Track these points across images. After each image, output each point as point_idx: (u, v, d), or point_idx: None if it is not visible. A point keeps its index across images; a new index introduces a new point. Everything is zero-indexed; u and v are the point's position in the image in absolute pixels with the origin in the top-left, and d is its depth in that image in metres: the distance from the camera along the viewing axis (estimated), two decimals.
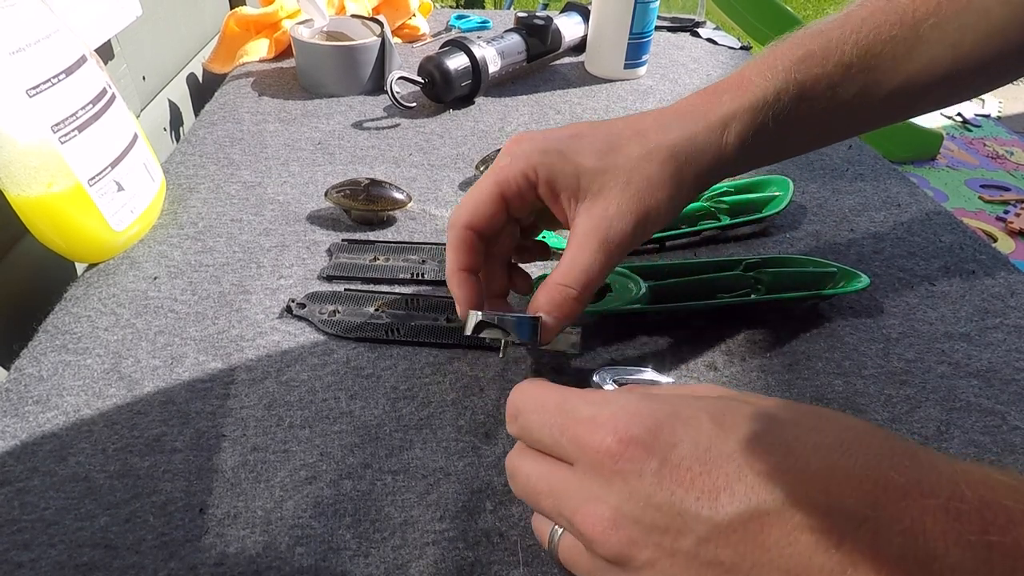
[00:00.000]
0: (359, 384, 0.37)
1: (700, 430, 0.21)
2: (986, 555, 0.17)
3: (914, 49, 0.33)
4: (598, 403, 0.23)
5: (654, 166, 0.31)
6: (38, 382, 0.36)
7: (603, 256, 0.30)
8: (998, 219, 1.82)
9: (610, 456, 0.21)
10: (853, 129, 0.38)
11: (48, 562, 0.28)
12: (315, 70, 0.70)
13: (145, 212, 0.47)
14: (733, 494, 0.19)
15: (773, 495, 0.19)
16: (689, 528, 0.20)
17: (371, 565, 0.28)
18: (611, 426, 0.22)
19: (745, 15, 1.83)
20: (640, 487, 0.21)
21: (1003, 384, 0.38)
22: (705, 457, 0.20)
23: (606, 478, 0.21)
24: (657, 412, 0.22)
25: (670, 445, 0.21)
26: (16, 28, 0.38)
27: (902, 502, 0.18)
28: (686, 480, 0.20)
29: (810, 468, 0.19)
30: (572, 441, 0.23)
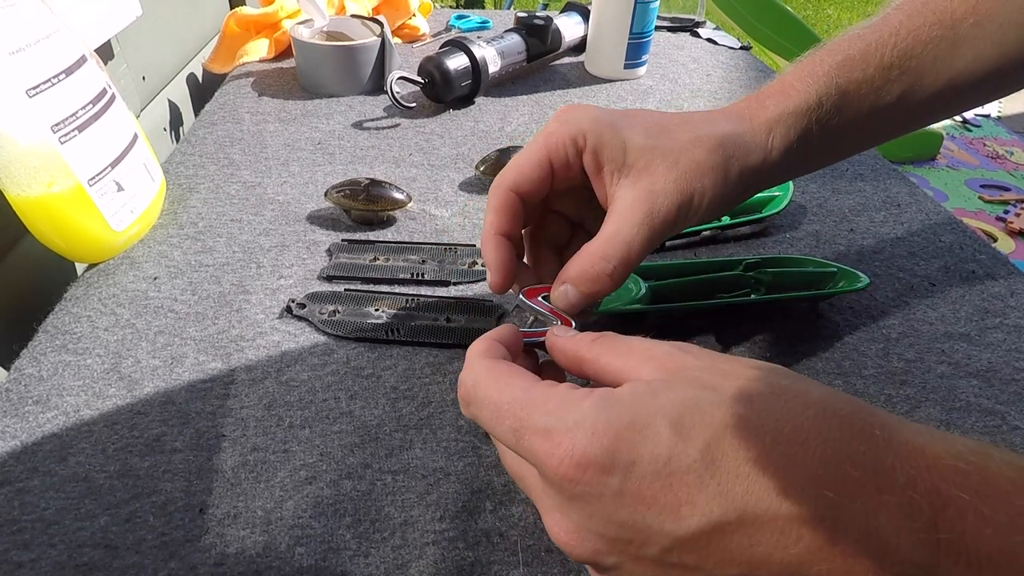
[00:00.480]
0: (359, 384, 0.37)
1: (658, 442, 0.20)
2: (934, 550, 0.18)
3: (955, 49, 0.33)
4: (554, 413, 0.22)
5: (703, 152, 0.30)
6: (38, 382, 0.36)
7: (647, 231, 0.29)
8: (998, 219, 1.82)
9: (568, 480, 0.21)
10: (897, 131, 0.37)
11: (48, 562, 0.28)
12: (315, 70, 0.70)
13: (145, 212, 0.47)
14: (694, 507, 0.20)
15: (733, 503, 0.19)
16: (653, 541, 0.20)
17: (371, 565, 0.28)
18: (568, 446, 0.21)
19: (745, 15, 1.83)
20: (601, 508, 0.21)
21: (1003, 384, 0.38)
22: (664, 471, 0.20)
23: (567, 498, 0.22)
24: (614, 425, 0.21)
25: (629, 463, 0.20)
26: (16, 28, 0.38)
27: (857, 500, 0.18)
28: (647, 497, 0.20)
29: (770, 466, 0.19)
30: (528, 452, 0.23)
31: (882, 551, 0.18)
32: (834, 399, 0.21)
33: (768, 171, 0.33)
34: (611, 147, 0.30)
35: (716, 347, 0.40)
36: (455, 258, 0.46)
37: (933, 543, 0.18)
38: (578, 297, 0.29)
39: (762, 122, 0.32)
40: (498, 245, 0.30)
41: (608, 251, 0.28)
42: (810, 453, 0.19)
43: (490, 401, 0.24)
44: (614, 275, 0.28)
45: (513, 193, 0.30)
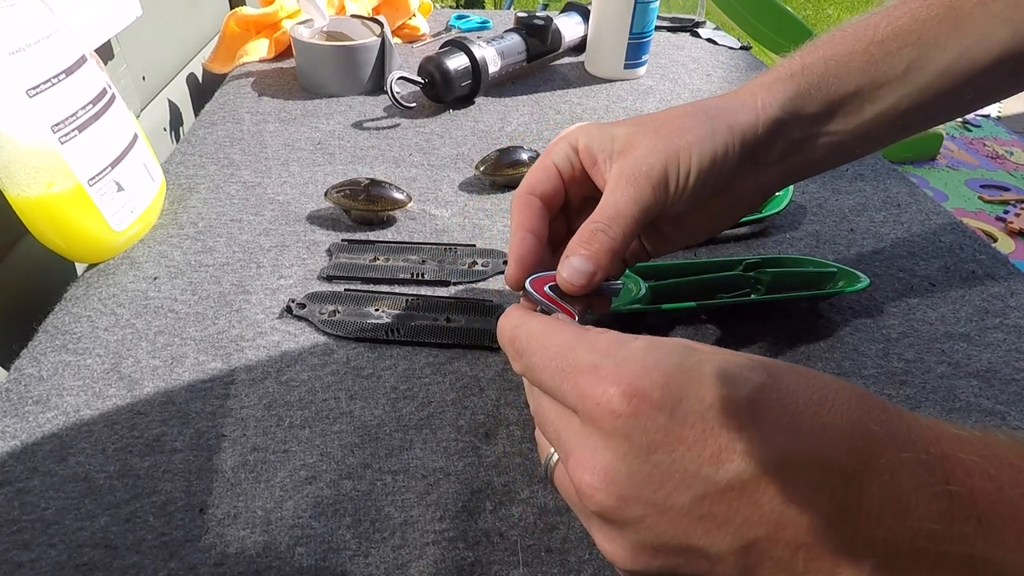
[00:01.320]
0: (359, 384, 0.37)
1: (704, 385, 0.21)
2: (948, 504, 0.18)
3: (960, 26, 0.32)
4: (602, 351, 0.22)
5: (683, 118, 0.32)
6: (38, 382, 0.36)
7: (632, 190, 0.30)
8: (998, 219, 1.82)
9: (611, 412, 0.21)
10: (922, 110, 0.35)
11: (48, 562, 0.28)
12: (315, 70, 0.70)
13: (145, 212, 0.47)
14: (734, 453, 0.20)
15: (771, 456, 0.19)
16: (687, 485, 0.20)
17: (371, 565, 0.28)
18: (616, 379, 0.21)
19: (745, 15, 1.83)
20: (642, 442, 0.20)
21: (1003, 384, 0.38)
22: (708, 415, 0.20)
23: (606, 433, 0.21)
24: (662, 364, 0.21)
25: (676, 400, 0.21)
26: (16, 28, 0.38)
27: (883, 456, 0.19)
28: (689, 438, 0.20)
29: (803, 426, 0.20)
30: (573, 391, 0.22)
31: (903, 508, 0.18)
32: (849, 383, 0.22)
33: (771, 128, 0.33)
34: (600, 140, 0.32)
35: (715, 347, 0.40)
36: (455, 258, 0.46)
37: (946, 496, 0.18)
38: (580, 262, 0.29)
39: (745, 91, 0.34)
40: (523, 239, 0.32)
41: (596, 215, 0.30)
42: (837, 415, 0.20)
43: (540, 347, 0.24)
44: (607, 231, 0.29)
45: (530, 195, 0.33)
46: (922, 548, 0.18)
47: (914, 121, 0.35)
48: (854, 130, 0.34)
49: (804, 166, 0.36)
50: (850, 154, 0.36)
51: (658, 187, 0.30)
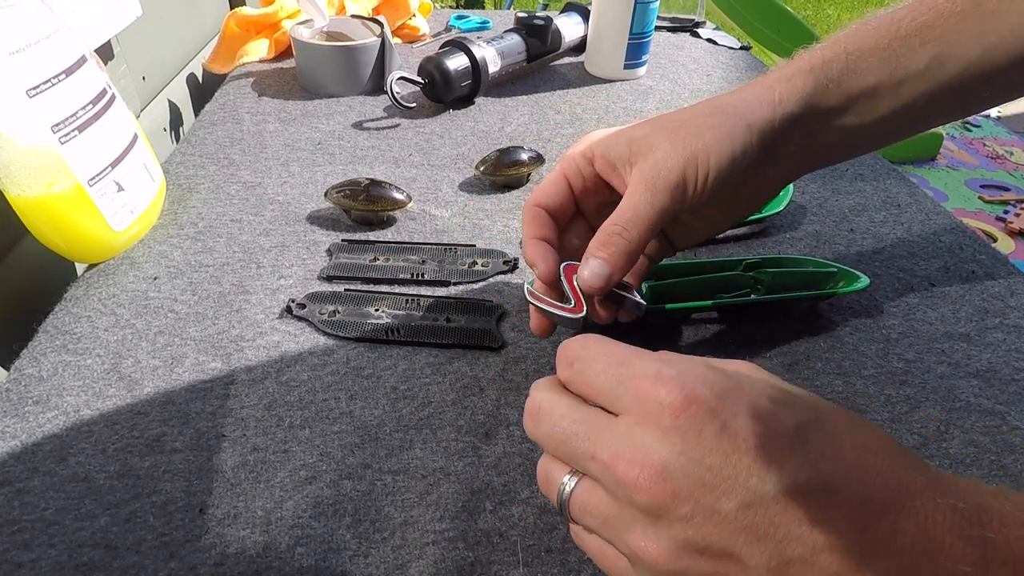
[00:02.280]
0: (359, 384, 0.37)
1: (760, 406, 0.22)
2: (983, 550, 0.19)
3: (985, 22, 0.32)
4: (664, 361, 0.23)
5: (700, 118, 0.32)
6: (38, 382, 0.36)
7: (649, 194, 0.30)
8: (998, 219, 1.82)
9: (672, 411, 0.21)
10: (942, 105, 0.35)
11: (48, 562, 0.28)
12: (315, 70, 0.70)
13: (145, 212, 0.47)
14: (783, 468, 0.20)
15: (815, 478, 0.20)
16: (735, 492, 0.20)
17: (371, 565, 0.28)
18: (678, 383, 0.22)
19: (745, 15, 1.83)
20: (696, 445, 0.21)
21: (1003, 384, 0.38)
22: (761, 431, 0.21)
23: (662, 431, 0.22)
24: (723, 380, 0.22)
25: (732, 413, 0.21)
26: (16, 28, 0.38)
27: (919, 499, 0.20)
28: (741, 448, 0.21)
29: (847, 461, 0.21)
30: (632, 392, 0.23)
31: (936, 549, 0.19)
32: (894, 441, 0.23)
33: (786, 123, 0.33)
34: (616, 147, 0.32)
35: (717, 347, 0.40)
36: (455, 258, 0.46)
37: (982, 542, 0.19)
38: (599, 265, 0.30)
39: (763, 83, 0.34)
40: (538, 245, 0.33)
41: (615, 218, 0.31)
42: (882, 460, 0.21)
43: (600, 353, 0.25)
44: (624, 234, 0.30)
45: (537, 207, 0.34)
46: None
47: (930, 116, 0.35)
48: (870, 125, 0.34)
49: (819, 158, 0.36)
50: (863, 147, 0.36)
51: (676, 191, 0.31)
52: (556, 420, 0.25)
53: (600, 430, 0.23)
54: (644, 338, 0.40)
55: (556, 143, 0.63)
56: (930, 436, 0.35)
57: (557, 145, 0.63)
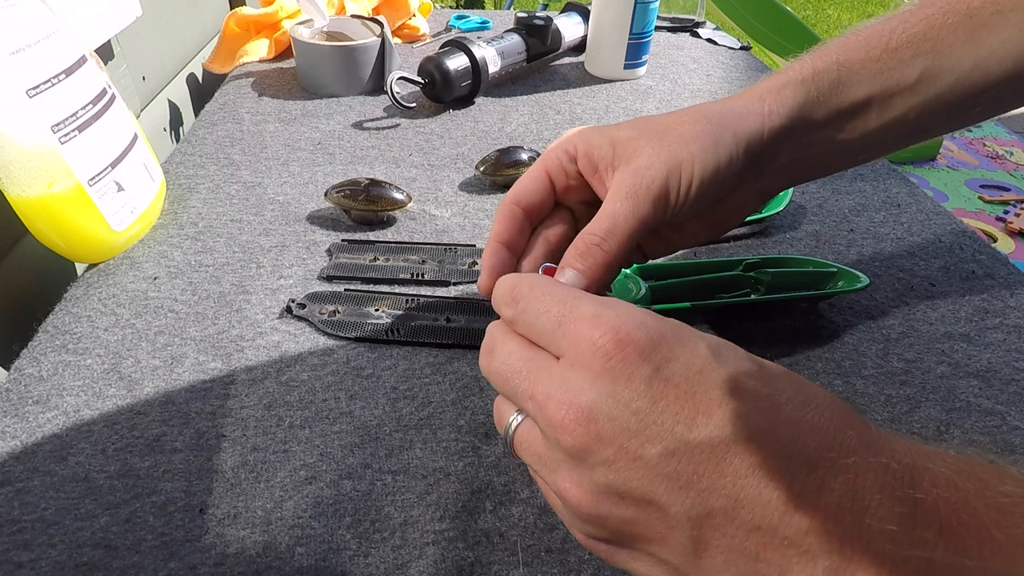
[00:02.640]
0: (359, 384, 0.37)
1: (696, 354, 0.22)
2: (911, 509, 0.19)
3: (976, 35, 0.32)
4: (603, 304, 0.23)
5: (686, 125, 0.31)
6: (38, 382, 0.36)
7: (631, 203, 0.29)
8: (998, 219, 1.82)
9: (604, 353, 0.21)
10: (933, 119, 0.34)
11: (48, 562, 0.28)
12: (315, 70, 0.70)
13: (145, 212, 0.47)
14: (710, 418, 0.20)
15: (744, 429, 0.20)
16: (660, 438, 0.20)
17: (371, 565, 0.28)
18: (614, 325, 0.22)
19: (745, 15, 1.83)
20: (625, 389, 0.21)
21: (1003, 384, 0.38)
22: (695, 379, 0.21)
23: (594, 373, 0.22)
24: (662, 326, 0.22)
25: (665, 359, 0.21)
26: (16, 28, 0.38)
27: (851, 456, 0.20)
28: (670, 395, 0.21)
29: (781, 415, 0.20)
30: (568, 334, 0.23)
31: (862, 508, 0.19)
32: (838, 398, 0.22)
33: (776, 136, 0.32)
34: (600, 147, 0.31)
35: None
36: (455, 258, 0.46)
37: (910, 501, 0.19)
38: (575, 277, 0.29)
39: (753, 94, 0.33)
40: (495, 251, 0.32)
41: (593, 227, 0.30)
42: (818, 416, 0.21)
43: (545, 294, 0.24)
44: (603, 245, 0.29)
45: (515, 205, 0.32)
46: (879, 549, 0.18)
47: (922, 130, 0.35)
48: (861, 138, 0.34)
49: (807, 171, 0.35)
50: (853, 160, 0.36)
51: (658, 200, 0.30)
52: (504, 357, 0.25)
53: (539, 371, 0.23)
54: None
55: None
56: (930, 436, 0.35)
57: None
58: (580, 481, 0.22)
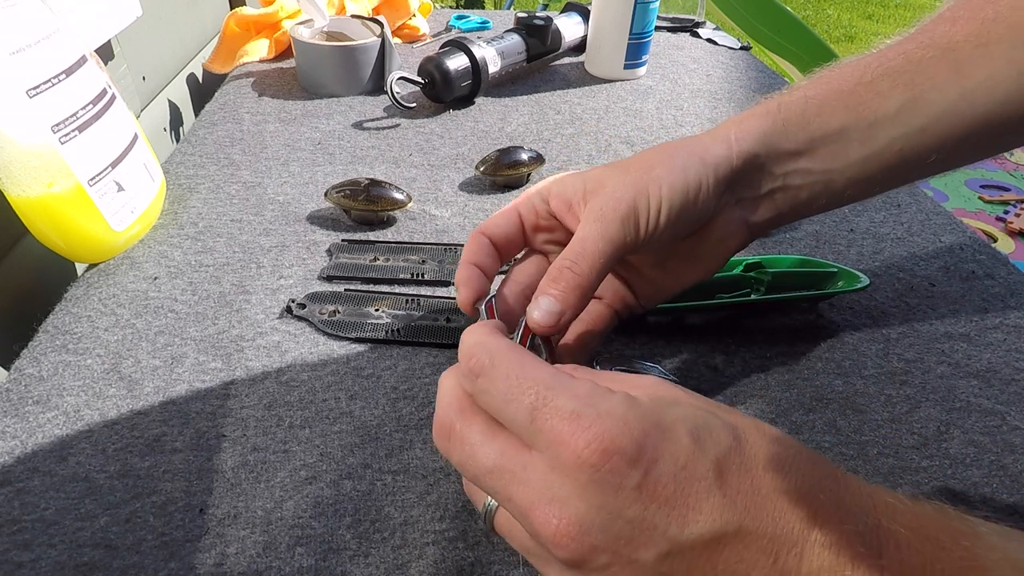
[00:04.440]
0: (359, 384, 0.37)
1: (679, 445, 0.21)
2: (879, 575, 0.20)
3: (960, 68, 0.31)
4: (582, 399, 0.22)
5: (653, 155, 0.32)
6: (38, 382, 0.36)
7: (599, 225, 0.29)
8: (998, 219, 1.82)
9: (592, 466, 0.21)
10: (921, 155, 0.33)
11: (48, 562, 0.28)
12: (315, 70, 0.70)
13: (145, 212, 0.47)
14: (700, 514, 0.21)
15: (733, 517, 0.21)
16: (654, 543, 0.21)
17: (371, 565, 0.28)
18: (597, 432, 0.21)
19: (745, 15, 1.83)
20: (615, 500, 0.21)
21: (1003, 384, 0.38)
22: (681, 475, 0.21)
23: (581, 485, 0.21)
24: (643, 423, 0.21)
25: (652, 461, 0.21)
26: (16, 28, 0.38)
27: (826, 526, 0.20)
28: (661, 497, 0.21)
29: (763, 489, 0.21)
30: (545, 433, 0.22)
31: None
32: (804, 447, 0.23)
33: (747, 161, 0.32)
34: (572, 187, 0.32)
35: (717, 347, 0.40)
36: (455, 258, 0.46)
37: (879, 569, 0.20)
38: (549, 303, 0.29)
39: (719, 128, 0.33)
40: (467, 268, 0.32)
41: (565, 252, 0.30)
42: (791, 481, 0.21)
43: (511, 375, 0.23)
44: (574, 268, 0.29)
45: (481, 235, 0.33)
46: None
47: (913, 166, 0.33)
48: (844, 170, 0.33)
49: (794, 206, 0.34)
50: (841, 196, 0.34)
51: (627, 221, 0.30)
52: (469, 451, 0.24)
53: (516, 469, 0.22)
54: (645, 338, 0.40)
55: (556, 143, 0.63)
56: (930, 436, 0.35)
57: (557, 145, 0.63)
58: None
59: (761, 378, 0.38)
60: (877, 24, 3.94)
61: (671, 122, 0.69)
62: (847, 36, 3.72)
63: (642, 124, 0.68)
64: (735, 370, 0.39)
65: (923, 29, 0.33)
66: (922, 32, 0.33)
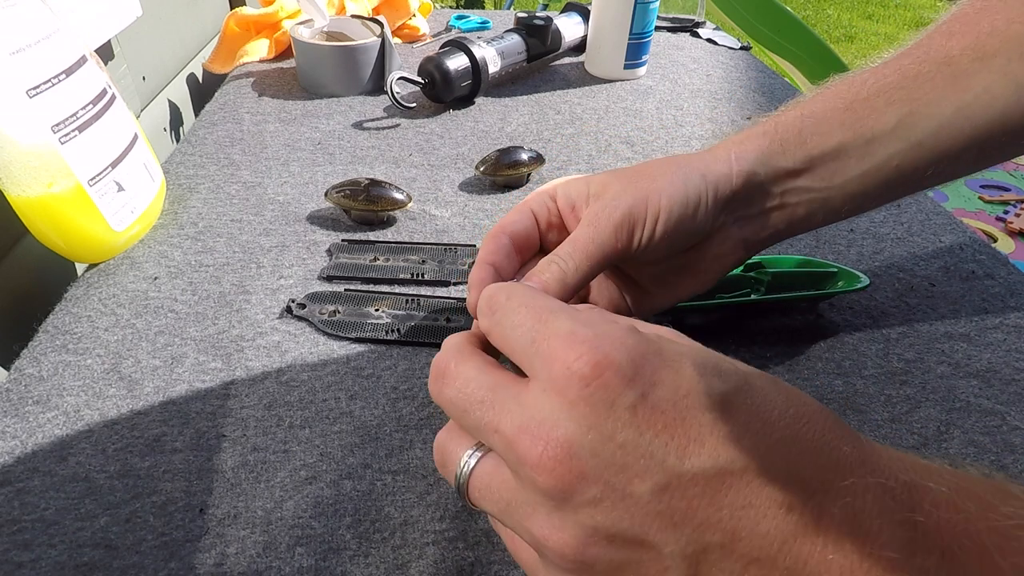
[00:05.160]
0: (359, 384, 0.37)
1: (682, 375, 0.20)
2: (912, 534, 0.18)
3: (956, 81, 0.31)
4: (582, 320, 0.21)
5: (656, 166, 0.32)
6: (38, 382, 0.36)
7: (591, 229, 0.30)
8: (998, 219, 1.82)
9: (582, 379, 0.19)
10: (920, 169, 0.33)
11: (48, 562, 0.28)
12: (315, 70, 0.70)
13: (145, 212, 0.47)
14: (702, 447, 0.19)
15: (740, 455, 0.19)
16: (650, 473, 0.19)
17: (371, 565, 0.28)
18: (592, 346, 0.20)
19: (745, 15, 1.83)
20: (607, 419, 0.19)
21: (1003, 384, 0.38)
22: (683, 404, 0.19)
23: (570, 401, 0.20)
24: (643, 346, 0.20)
25: (651, 383, 0.20)
26: (16, 28, 0.38)
27: (849, 477, 0.19)
28: (659, 423, 0.19)
29: (775, 434, 0.19)
30: (542, 352, 0.21)
31: (864, 533, 0.18)
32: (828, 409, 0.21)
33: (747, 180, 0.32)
34: (577, 189, 0.32)
35: (716, 347, 0.40)
36: (455, 258, 0.46)
37: (911, 525, 0.18)
38: None
39: (720, 146, 0.34)
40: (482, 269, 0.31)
41: (556, 250, 0.30)
42: (810, 430, 0.20)
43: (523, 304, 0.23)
44: (558, 262, 0.29)
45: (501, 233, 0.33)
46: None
47: (910, 180, 0.33)
48: (842, 187, 0.33)
49: (791, 222, 0.34)
50: (838, 212, 0.34)
51: (620, 227, 0.30)
52: (461, 385, 0.23)
53: (507, 399, 0.21)
54: None
55: (556, 143, 0.63)
56: (930, 436, 0.35)
57: (557, 145, 0.63)
58: (563, 525, 0.20)
59: None
60: (877, 24, 3.94)
61: (671, 122, 0.69)
62: (847, 36, 3.72)
63: (642, 124, 0.68)
64: None
65: (919, 43, 0.33)
66: (918, 47, 0.33)
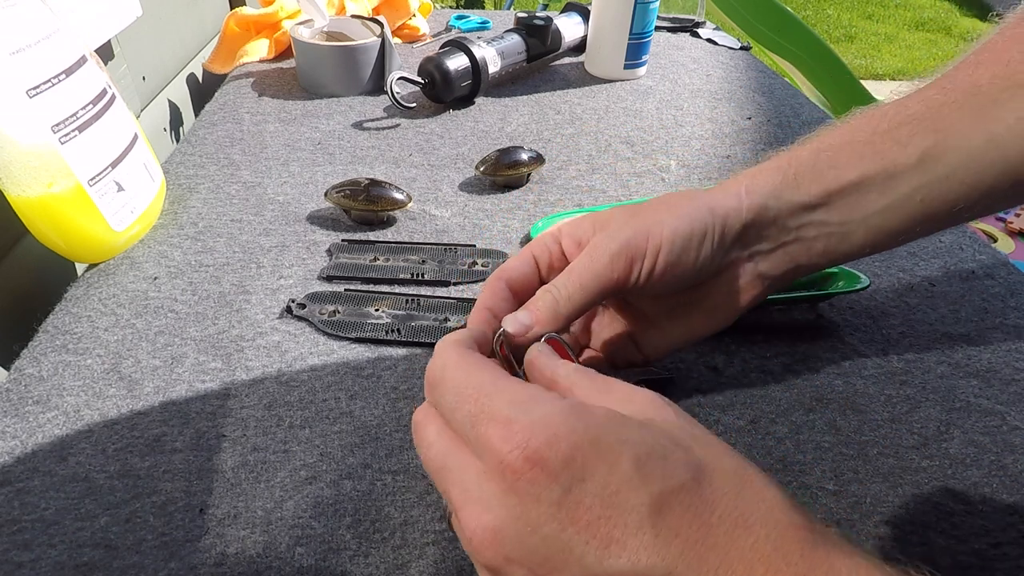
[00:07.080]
0: (359, 384, 0.37)
1: (615, 470, 0.20)
2: None
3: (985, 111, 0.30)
4: (520, 404, 0.22)
5: (662, 201, 0.32)
6: (38, 382, 0.36)
7: (587, 260, 0.30)
8: (998, 219, 1.82)
9: (512, 471, 0.20)
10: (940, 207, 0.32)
11: (48, 562, 0.28)
12: (315, 70, 0.70)
13: (145, 212, 0.47)
14: (624, 548, 0.19)
15: (662, 561, 0.19)
16: (569, 568, 0.19)
17: (371, 565, 0.28)
18: (522, 438, 0.20)
19: (745, 15, 1.83)
20: (533, 512, 0.20)
21: (1003, 384, 0.38)
22: (609, 501, 0.19)
23: (503, 490, 0.21)
24: (577, 436, 0.20)
25: (578, 479, 0.20)
26: (16, 28, 0.38)
27: None
28: (582, 520, 0.19)
29: (709, 540, 0.19)
30: (480, 439, 0.22)
31: None
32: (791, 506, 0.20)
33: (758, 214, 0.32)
34: (582, 228, 0.32)
35: (717, 347, 0.40)
36: (455, 258, 0.46)
37: None
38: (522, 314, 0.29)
39: (731, 181, 0.33)
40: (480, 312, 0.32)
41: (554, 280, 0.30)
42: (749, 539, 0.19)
43: (456, 384, 0.23)
44: (553, 291, 0.30)
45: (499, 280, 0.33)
46: None
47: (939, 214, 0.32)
48: (863, 221, 0.32)
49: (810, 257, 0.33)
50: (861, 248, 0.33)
51: (616, 258, 0.30)
52: (424, 448, 0.24)
53: (457, 473, 0.23)
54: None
55: (556, 143, 0.63)
56: (930, 436, 0.35)
57: (557, 145, 0.63)
58: None
59: (761, 378, 0.38)
60: (877, 24, 3.94)
61: (671, 122, 0.69)
62: (847, 36, 3.72)
63: (642, 124, 0.68)
64: (735, 370, 0.39)
65: (945, 75, 0.32)
66: (944, 77, 0.32)
